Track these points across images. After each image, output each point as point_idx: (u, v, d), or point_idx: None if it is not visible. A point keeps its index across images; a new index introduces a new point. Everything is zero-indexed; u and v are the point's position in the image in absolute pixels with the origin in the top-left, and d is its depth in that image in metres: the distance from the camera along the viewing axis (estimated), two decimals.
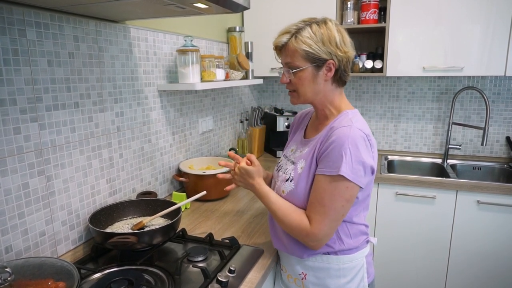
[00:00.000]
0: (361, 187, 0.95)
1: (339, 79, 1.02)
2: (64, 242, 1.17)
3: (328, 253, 1.04)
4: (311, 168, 1.00)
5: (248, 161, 1.13)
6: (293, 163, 1.08)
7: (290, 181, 1.04)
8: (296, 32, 0.98)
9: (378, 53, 2.26)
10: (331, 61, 0.97)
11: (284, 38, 0.99)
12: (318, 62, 0.98)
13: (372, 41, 2.40)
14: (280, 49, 1.03)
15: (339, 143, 0.92)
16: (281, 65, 1.07)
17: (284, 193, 1.05)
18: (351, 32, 1.02)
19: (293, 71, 1.00)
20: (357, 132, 0.93)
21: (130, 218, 1.31)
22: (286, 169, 1.09)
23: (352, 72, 1.81)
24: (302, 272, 1.09)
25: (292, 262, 1.11)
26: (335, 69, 0.99)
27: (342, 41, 0.98)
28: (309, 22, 0.99)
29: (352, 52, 1.00)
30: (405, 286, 2.10)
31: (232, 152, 1.20)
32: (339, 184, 0.92)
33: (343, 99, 1.07)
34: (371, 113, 2.55)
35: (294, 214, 1.00)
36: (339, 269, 1.05)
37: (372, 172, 0.98)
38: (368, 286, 1.10)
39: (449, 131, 2.31)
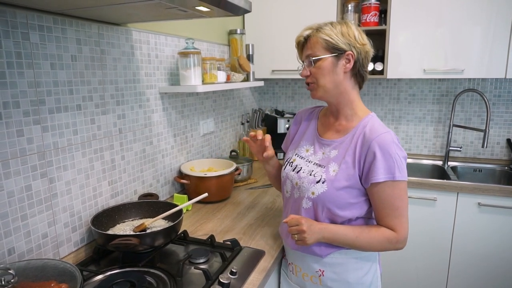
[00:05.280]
0: None
1: (358, 73, 1.06)
2: (67, 244, 1.17)
3: (346, 248, 1.07)
4: (352, 173, 1.01)
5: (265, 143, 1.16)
6: (320, 165, 1.07)
7: (323, 182, 1.04)
8: (318, 27, 1.04)
9: (378, 55, 2.26)
10: (350, 52, 1.02)
11: (307, 32, 1.05)
12: (337, 52, 1.02)
13: (372, 43, 2.39)
14: (302, 44, 1.07)
15: (387, 150, 0.97)
16: (301, 63, 1.10)
17: (314, 195, 1.05)
18: None
19: (313, 59, 1.03)
20: (393, 136, 1.00)
21: (131, 220, 1.31)
22: (312, 171, 1.08)
23: None
24: (320, 269, 1.10)
25: (308, 261, 1.12)
26: (354, 61, 1.03)
27: (360, 36, 1.04)
28: (329, 22, 1.06)
29: (369, 46, 1.06)
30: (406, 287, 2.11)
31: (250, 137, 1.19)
32: (399, 184, 0.98)
33: (361, 102, 1.10)
34: None
35: (374, 233, 1.02)
36: (356, 262, 1.08)
37: None
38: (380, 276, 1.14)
39: (450, 133, 2.32)
